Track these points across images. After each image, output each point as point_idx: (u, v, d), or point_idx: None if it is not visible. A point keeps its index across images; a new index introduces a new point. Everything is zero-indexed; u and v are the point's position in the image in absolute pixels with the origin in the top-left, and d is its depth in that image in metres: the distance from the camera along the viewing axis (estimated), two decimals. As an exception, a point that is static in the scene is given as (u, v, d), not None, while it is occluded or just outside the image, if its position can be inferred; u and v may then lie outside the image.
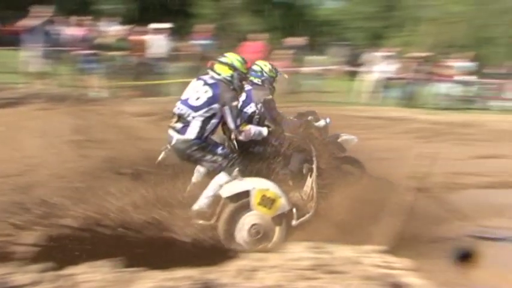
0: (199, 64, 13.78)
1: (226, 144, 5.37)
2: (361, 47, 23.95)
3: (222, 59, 5.14)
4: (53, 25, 12.70)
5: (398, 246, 4.77)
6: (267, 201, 4.80)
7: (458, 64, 16.67)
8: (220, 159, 4.94)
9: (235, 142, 5.43)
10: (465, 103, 16.84)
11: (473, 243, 3.47)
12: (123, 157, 6.35)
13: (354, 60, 17.75)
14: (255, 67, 5.86)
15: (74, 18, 13.47)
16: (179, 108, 5.02)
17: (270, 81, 5.95)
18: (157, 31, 14.02)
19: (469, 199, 6.59)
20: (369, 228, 4.89)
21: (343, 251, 4.44)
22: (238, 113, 5.09)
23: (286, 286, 3.77)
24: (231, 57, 5.14)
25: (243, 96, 5.58)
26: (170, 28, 14.31)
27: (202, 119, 4.90)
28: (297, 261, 4.19)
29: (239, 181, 4.89)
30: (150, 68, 13.95)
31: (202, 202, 4.91)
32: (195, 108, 4.91)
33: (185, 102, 4.99)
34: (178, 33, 15.35)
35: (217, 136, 5.34)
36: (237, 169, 4.94)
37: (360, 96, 15.81)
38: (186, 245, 4.46)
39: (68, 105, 10.36)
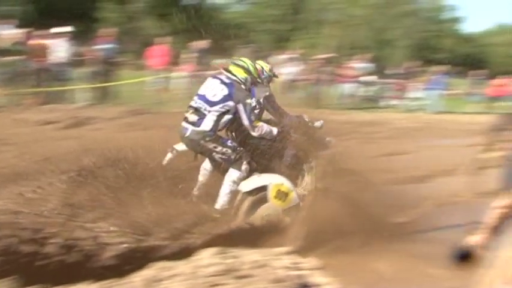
0: (104, 69, 13.49)
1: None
2: (267, 49, 24.31)
3: (239, 63, 5.59)
4: None
5: (307, 246, 4.90)
6: (282, 195, 5.32)
7: (359, 65, 17.32)
8: (229, 151, 5.32)
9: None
10: (369, 103, 17.54)
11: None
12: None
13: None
14: (257, 66, 6.03)
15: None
16: (196, 102, 5.41)
17: (269, 80, 6.27)
18: (58, 35, 13.50)
19: (380, 196, 6.75)
20: (277, 230, 5.00)
21: (250, 255, 4.48)
22: (252, 110, 5.49)
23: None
24: (247, 62, 5.62)
25: None
26: (72, 32, 13.81)
27: (217, 113, 5.30)
28: (205, 268, 4.17)
29: (257, 177, 5.39)
30: (52, 73, 13.37)
31: (222, 200, 5.32)
32: (211, 104, 5.31)
33: (202, 97, 5.38)
34: (82, 37, 14.90)
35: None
36: (245, 162, 5.36)
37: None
38: (88, 257, 4.34)
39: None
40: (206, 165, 5.68)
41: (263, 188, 5.29)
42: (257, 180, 5.36)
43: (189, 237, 4.72)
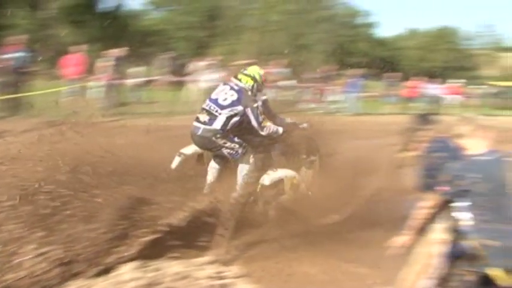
0: (14, 79, 12.88)
1: None
2: (186, 56, 24.17)
3: (246, 72, 6.33)
4: None
5: (230, 254, 4.88)
6: (295, 187, 6.24)
7: (277, 70, 17.47)
8: (237, 146, 6.02)
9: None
10: (288, 107, 17.74)
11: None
12: None
13: (179, 70, 17.77)
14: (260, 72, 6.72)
15: None
16: (208, 105, 6.11)
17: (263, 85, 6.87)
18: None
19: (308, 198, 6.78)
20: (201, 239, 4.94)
21: (172, 267, 4.42)
22: (259, 113, 6.16)
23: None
24: (253, 71, 6.35)
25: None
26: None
27: (227, 115, 5.98)
28: (126, 283, 4.08)
29: (274, 172, 6.13)
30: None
31: (240, 190, 5.92)
32: (222, 107, 6.02)
33: (214, 101, 6.09)
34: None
35: None
36: (251, 156, 6.11)
37: (187, 106, 15.78)
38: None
39: None
40: (213, 164, 6.32)
41: (280, 181, 6.15)
42: (275, 174, 6.12)
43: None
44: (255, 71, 6.38)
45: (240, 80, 6.26)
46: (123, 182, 5.44)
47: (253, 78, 6.29)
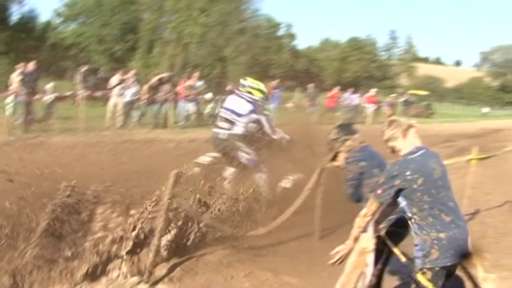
0: None
1: None
2: (104, 70, 23.72)
3: (256, 86, 7.29)
4: None
5: (157, 272, 4.84)
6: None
7: (196, 83, 17.46)
8: (251, 150, 6.88)
9: None
10: (209, 120, 17.73)
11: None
12: None
13: (98, 85, 17.41)
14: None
15: None
16: (226, 113, 7.09)
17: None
18: None
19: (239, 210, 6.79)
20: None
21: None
22: (270, 120, 7.21)
23: None
24: (261, 85, 7.38)
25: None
26: None
27: (245, 122, 6.97)
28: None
29: (291, 177, 7.13)
30: None
31: (264, 193, 6.66)
32: (239, 115, 6.99)
33: (232, 111, 7.05)
34: None
35: None
36: (262, 166, 6.96)
37: (107, 121, 15.46)
38: None
39: None
40: (229, 171, 7.00)
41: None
42: (291, 178, 7.11)
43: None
44: (261, 85, 7.42)
45: (251, 93, 7.20)
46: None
47: (262, 92, 7.31)
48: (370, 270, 3.84)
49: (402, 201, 3.58)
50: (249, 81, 7.43)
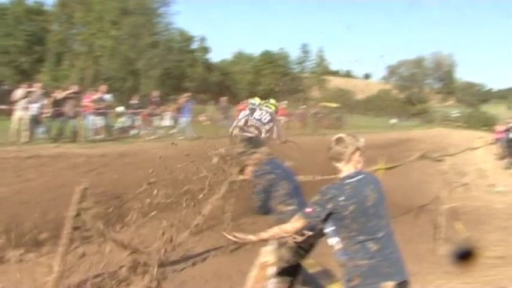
0: None
1: None
2: (8, 83, 22.68)
3: (272, 102, 10.32)
4: None
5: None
6: None
7: (105, 96, 17.04)
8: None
9: None
10: (119, 133, 17.37)
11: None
12: None
13: (2, 97, 16.63)
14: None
15: None
16: (253, 122, 9.83)
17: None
18: None
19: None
20: None
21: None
22: (281, 127, 9.73)
23: None
24: (274, 101, 10.38)
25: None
26: None
27: (267, 129, 9.71)
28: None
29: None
30: None
31: None
32: (263, 123, 9.77)
33: (258, 120, 9.84)
34: None
35: None
36: None
37: (11, 135, 14.72)
38: None
39: None
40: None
41: None
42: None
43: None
44: (275, 101, 10.46)
45: (269, 107, 10.08)
46: None
47: (275, 106, 10.27)
48: (272, 284, 3.87)
49: (330, 226, 3.51)
50: (258, 100, 10.42)
